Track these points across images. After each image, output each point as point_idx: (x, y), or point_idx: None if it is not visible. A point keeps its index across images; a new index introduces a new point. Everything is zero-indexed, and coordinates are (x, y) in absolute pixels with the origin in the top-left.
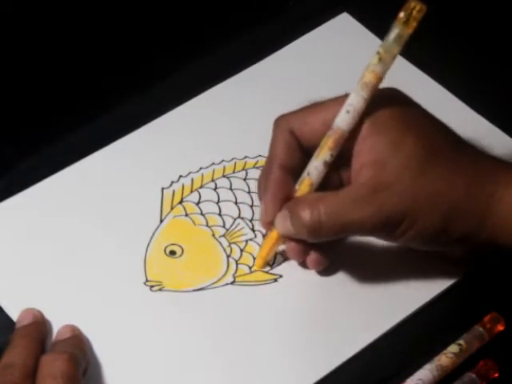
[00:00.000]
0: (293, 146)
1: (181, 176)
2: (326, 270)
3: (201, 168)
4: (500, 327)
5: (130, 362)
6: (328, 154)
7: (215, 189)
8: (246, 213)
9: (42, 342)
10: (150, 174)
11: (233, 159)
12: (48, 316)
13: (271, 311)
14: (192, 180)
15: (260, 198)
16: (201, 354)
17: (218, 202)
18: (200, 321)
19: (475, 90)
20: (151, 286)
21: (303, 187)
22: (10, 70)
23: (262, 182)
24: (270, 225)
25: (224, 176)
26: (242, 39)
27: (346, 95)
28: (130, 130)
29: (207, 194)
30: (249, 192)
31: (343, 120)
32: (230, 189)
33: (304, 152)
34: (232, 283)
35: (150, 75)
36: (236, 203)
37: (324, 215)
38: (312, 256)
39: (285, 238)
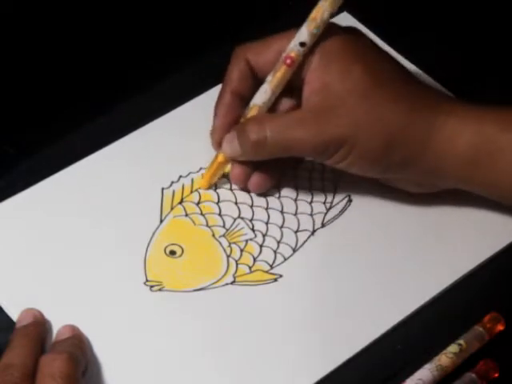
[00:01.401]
0: (246, 74)
1: (181, 176)
2: (326, 271)
3: (201, 168)
4: (500, 327)
5: (130, 362)
6: (276, 81)
7: (215, 189)
8: (246, 213)
9: (42, 342)
10: (149, 174)
11: None
12: (48, 316)
13: (271, 311)
14: (192, 180)
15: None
16: (201, 353)
17: (218, 202)
18: (200, 321)
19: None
20: (151, 286)
21: (252, 111)
22: (10, 70)
23: (215, 107)
24: (218, 146)
25: (224, 176)
26: (242, 39)
27: (297, 29)
28: (130, 130)
29: (207, 194)
30: (249, 192)
31: (294, 51)
32: (230, 189)
33: (257, 81)
34: (232, 283)
35: (149, 75)
36: (236, 203)
37: (269, 132)
38: (253, 179)
39: (231, 160)
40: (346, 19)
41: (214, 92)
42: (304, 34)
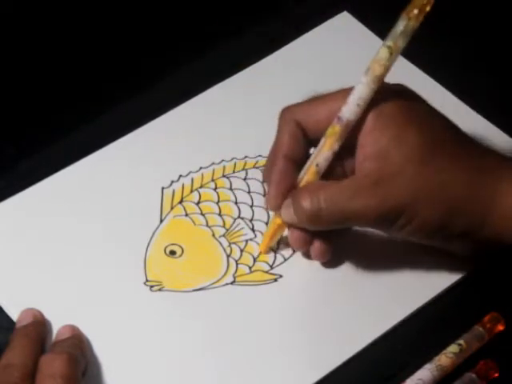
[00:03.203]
0: (298, 136)
1: (181, 176)
2: (326, 271)
3: (201, 168)
4: (500, 327)
5: (130, 362)
6: (336, 143)
7: (215, 189)
8: (246, 213)
9: (42, 342)
10: (150, 174)
11: (233, 159)
12: (48, 316)
13: (271, 311)
14: (192, 180)
15: (266, 188)
16: (201, 353)
17: (218, 201)
18: (200, 321)
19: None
20: (151, 286)
21: (309, 176)
22: (10, 70)
23: (267, 172)
24: (277, 209)
25: (224, 176)
26: (242, 39)
27: (351, 88)
28: (130, 130)
29: (207, 193)
30: (249, 192)
31: (352, 112)
32: (230, 189)
33: (308, 143)
34: (232, 283)
35: (149, 75)
36: (236, 203)
37: (324, 202)
38: (315, 246)
39: (288, 226)
40: (346, 19)
41: (214, 91)
42: (362, 91)
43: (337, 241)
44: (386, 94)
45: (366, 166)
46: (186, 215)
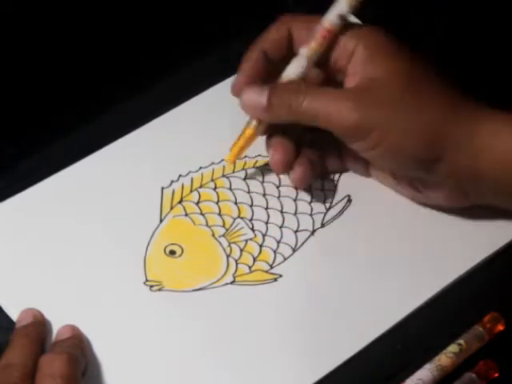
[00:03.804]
0: (283, 41)
1: (180, 175)
2: (326, 270)
3: (200, 167)
4: (500, 327)
5: (130, 362)
6: (312, 55)
7: (215, 188)
8: (246, 213)
9: (42, 342)
10: (149, 174)
11: None
12: (48, 316)
13: (271, 311)
14: (192, 180)
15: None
16: (201, 353)
17: (218, 201)
18: (200, 321)
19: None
20: (151, 286)
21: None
22: (10, 70)
23: (243, 59)
24: (238, 94)
25: (224, 176)
26: (242, 39)
27: None
28: (130, 129)
29: (207, 193)
30: (248, 192)
31: (331, 21)
32: (230, 189)
33: (290, 53)
34: (232, 283)
35: (149, 75)
36: (236, 203)
37: (305, 95)
38: (295, 171)
39: (259, 134)
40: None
41: (214, 91)
42: (343, 5)
43: (316, 166)
44: (372, 27)
45: (352, 85)
46: (186, 215)
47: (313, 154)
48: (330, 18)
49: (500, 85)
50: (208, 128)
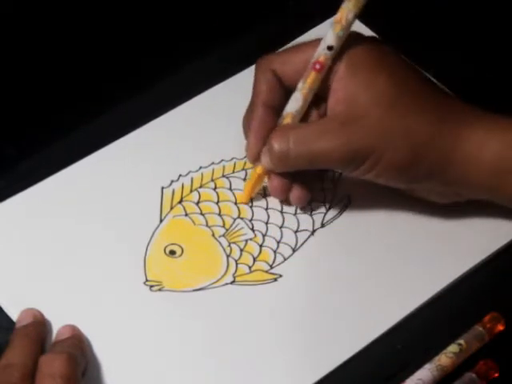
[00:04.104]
0: (274, 84)
1: (180, 175)
2: (326, 270)
3: (200, 167)
4: (500, 327)
5: (130, 362)
6: (308, 88)
7: (215, 189)
8: (246, 213)
9: (42, 342)
10: (149, 174)
11: (232, 159)
12: (48, 316)
13: (271, 311)
14: (192, 179)
15: (245, 137)
16: (201, 353)
17: (218, 201)
18: (200, 321)
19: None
20: (151, 286)
21: (286, 120)
22: (10, 70)
23: (246, 120)
24: (254, 161)
25: (224, 176)
26: (242, 38)
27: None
28: (130, 130)
29: (207, 193)
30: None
31: (322, 56)
32: (230, 189)
33: (285, 91)
34: (232, 283)
35: (149, 75)
36: (235, 203)
37: (292, 142)
38: (294, 192)
39: (268, 172)
40: None
41: (214, 91)
42: (330, 37)
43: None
44: (359, 43)
45: (335, 109)
46: (186, 215)
47: (308, 173)
48: (320, 52)
49: (500, 85)
50: (208, 128)
